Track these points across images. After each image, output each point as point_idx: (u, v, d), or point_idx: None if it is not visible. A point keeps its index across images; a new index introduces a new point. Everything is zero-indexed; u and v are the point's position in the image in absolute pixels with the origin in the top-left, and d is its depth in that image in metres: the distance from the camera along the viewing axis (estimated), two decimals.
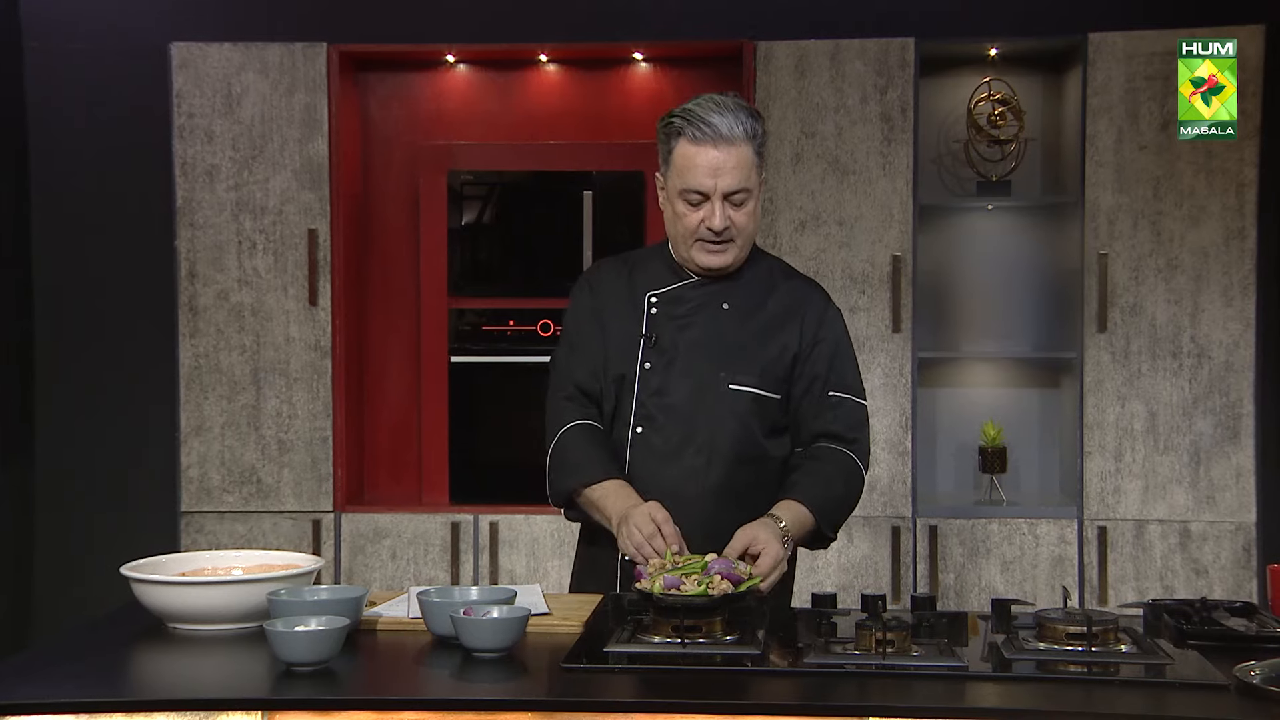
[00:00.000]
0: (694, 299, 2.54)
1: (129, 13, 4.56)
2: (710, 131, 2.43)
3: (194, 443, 4.30)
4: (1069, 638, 2.06)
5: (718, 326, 2.52)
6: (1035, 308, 4.51)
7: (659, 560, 2.28)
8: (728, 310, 2.53)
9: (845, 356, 2.57)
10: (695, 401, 2.49)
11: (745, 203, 2.47)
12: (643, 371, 2.52)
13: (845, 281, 4.21)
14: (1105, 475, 4.16)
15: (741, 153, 2.44)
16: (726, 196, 2.45)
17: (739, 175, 2.44)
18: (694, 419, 2.50)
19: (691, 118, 2.44)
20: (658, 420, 2.50)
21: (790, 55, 4.21)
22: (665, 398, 2.51)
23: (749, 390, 2.50)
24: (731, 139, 2.43)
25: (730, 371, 2.50)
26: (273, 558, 2.45)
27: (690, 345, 2.52)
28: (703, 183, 2.44)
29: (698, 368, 2.50)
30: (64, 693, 1.96)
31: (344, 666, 2.05)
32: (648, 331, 2.53)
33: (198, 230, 4.29)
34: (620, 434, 2.53)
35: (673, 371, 2.51)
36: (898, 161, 4.19)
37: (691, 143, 2.44)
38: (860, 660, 2.04)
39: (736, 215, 2.47)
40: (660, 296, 2.55)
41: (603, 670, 2.05)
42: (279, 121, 4.27)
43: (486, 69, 4.54)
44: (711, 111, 2.44)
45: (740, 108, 2.47)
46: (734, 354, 2.51)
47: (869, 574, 4.19)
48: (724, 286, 2.55)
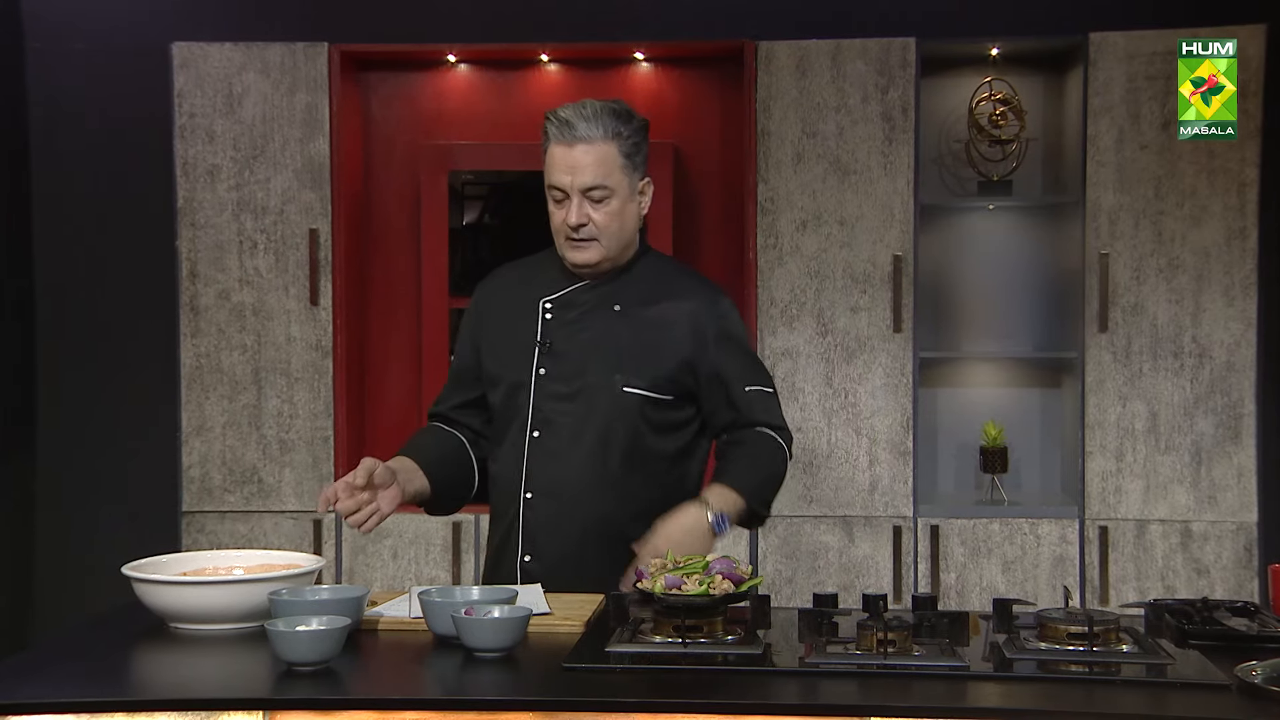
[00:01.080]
0: (585, 302, 2.62)
1: (130, 13, 4.56)
2: (569, 132, 2.53)
3: (195, 442, 4.30)
4: (1070, 637, 2.06)
5: (610, 329, 2.59)
6: (1036, 308, 4.51)
7: (659, 561, 2.29)
8: (619, 311, 2.61)
9: (746, 350, 2.66)
10: (589, 404, 2.56)
11: (606, 200, 2.55)
12: (538, 377, 2.60)
13: (846, 281, 4.21)
14: (1106, 475, 4.16)
15: (600, 151, 2.53)
16: (585, 193, 2.54)
17: (596, 172, 2.53)
18: (588, 421, 2.57)
19: (556, 120, 2.56)
20: (554, 423, 2.58)
21: (791, 55, 4.21)
22: (560, 402, 2.58)
23: (640, 393, 2.57)
24: (589, 138, 2.53)
25: (623, 374, 2.57)
26: (274, 557, 2.45)
27: (583, 349, 2.59)
28: (560, 179, 2.56)
29: (591, 371, 2.58)
30: (65, 692, 1.96)
31: (345, 666, 2.06)
32: (542, 338, 2.61)
33: (199, 230, 4.29)
34: (518, 438, 2.61)
35: (568, 376, 2.59)
36: (899, 161, 4.19)
37: (556, 143, 2.56)
38: (862, 660, 2.04)
39: (595, 213, 2.55)
40: (553, 302, 2.63)
41: (604, 670, 2.05)
42: (280, 121, 4.27)
43: (488, 69, 4.54)
44: (575, 114, 2.54)
45: (608, 111, 2.56)
46: (626, 356, 2.58)
47: (870, 574, 4.19)
48: (615, 288, 2.62)
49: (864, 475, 4.22)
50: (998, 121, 4.36)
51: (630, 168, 2.56)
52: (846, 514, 4.22)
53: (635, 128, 2.57)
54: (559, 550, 2.56)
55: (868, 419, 4.22)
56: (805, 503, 4.22)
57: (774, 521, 4.21)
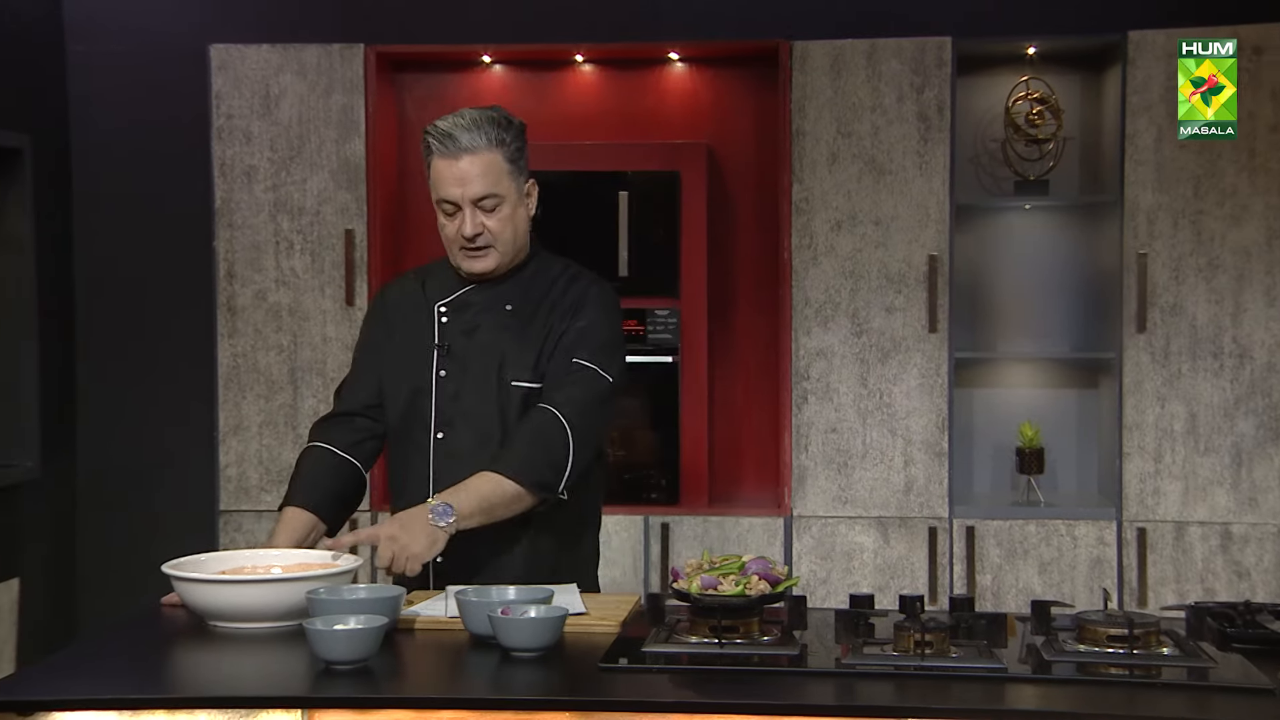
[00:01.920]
0: (478, 303, 2.66)
1: (169, 15, 4.60)
2: (453, 145, 2.55)
3: (232, 442, 4.33)
4: (1110, 640, 2.04)
5: (501, 328, 2.63)
6: (1073, 308, 4.48)
7: (695, 562, 2.29)
8: (510, 311, 2.65)
9: (600, 330, 2.63)
10: (486, 402, 2.58)
11: (498, 208, 2.58)
12: (439, 379, 2.63)
13: (881, 281, 4.19)
14: (1144, 476, 4.13)
15: (486, 160, 2.56)
16: (476, 203, 2.57)
17: (485, 182, 2.56)
18: (487, 419, 2.60)
19: (437, 134, 2.57)
20: (456, 425, 2.60)
21: (826, 55, 4.19)
22: (460, 402, 2.61)
23: (526, 385, 2.60)
24: (473, 149, 2.55)
25: (512, 369, 2.61)
26: (311, 556, 2.46)
27: (478, 349, 2.63)
28: (451, 192, 2.57)
29: (485, 370, 2.61)
30: (107, 689, 1.98)
31: (382, 665, 2.06)
32: (439, 341, 2.64)
33: (236, 231, 4.32)
34: (422, 440, 2.63)
35: (466, 376, 2.62)
36: (934, 161, 4.17)
37: (439, 157, 2.58)
38: (899, 661, 2.03)
39: (489, 221, 2.58)
40: (448, 305, 2.67)
41: (640, 670, 2.05)
42: (316, 122, 4.29)
43: (522, 69, 4.55)
44: (455, 126, 2.56)
45: (487, 119, 2.58)
46: (513, 352, 2.62)
47: (905, 575, 4.17)
48: (506, 289, 2.66)
49: (899, 476, 4.20)
50: (1034, 121, 4.34)
51: (516, 172, 2.60)
52: (881, 515, 4.20)
53: (515, 133, 2.60)
54: (471, 550, 2.54)
55: (903, 419, 4.20)
56: (840, 503, 4.21)
57: (808, 522, 4.20)
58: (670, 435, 4.34)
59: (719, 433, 4.51)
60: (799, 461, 4.22)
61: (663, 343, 4.31)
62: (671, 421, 4.34)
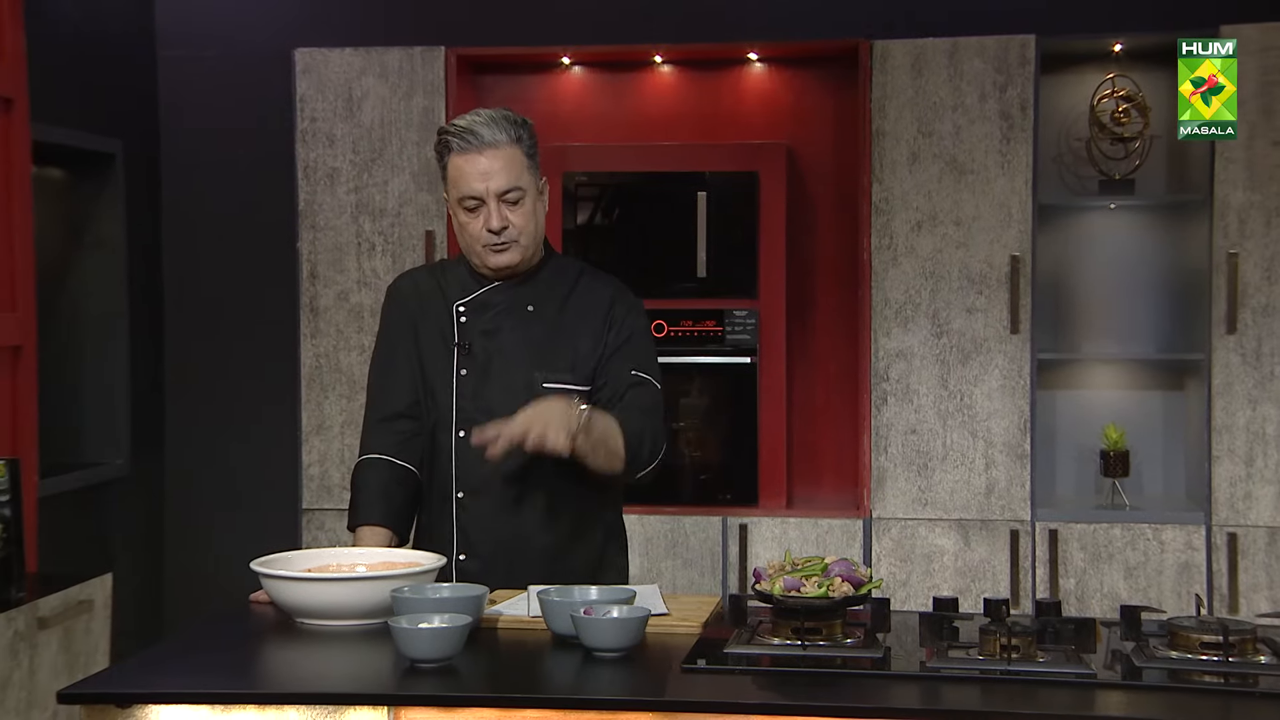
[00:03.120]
0: (499, 304, 2.65)
1: (256, 21, 4.67)
2: (475, 140, 2.56)
3: (315, 441, 4.39)
4: (1203, 647, 2.00)
5: (525, 328, 2.63)
6: (1159, 309, 4.41)
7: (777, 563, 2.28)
8: (532, 312, 2.64)
9: (645, 343, 2.68)
10: (512, 402, 2.55)
11: (520, 201, 2.58)
12: (459, 378, 2.63)
13: (963, 282, 4.15)
14: (1235, 481, 4.04)
15: (508, 154, 2.57)
16: (500, 197, 2.56)
17: (509, 175, 2.56)
18: None
19: (456, 131, 2.58)
20: (479, 422, 2.57)
21: (907, 54, 4.16)
22: (483, 401, 2.61)
23: (563, 386, 2.59)
24: (495, 143, 2.56)
25: (544, 370, 2.60)
26: (395, 555, 2.48)
27: (501, 349, 2.62)
28: (475, 187, 2.57)
29: (511, 370, 2.61)
30: (197, 685, 2.02)
31: (466, 664, 2.08)
32: (460, 340, 2.64)
33: (319, 232, 4.37)
34: (444, 439, 2.64)
35: (488, 376, 2.62)
36: (1017, 160, 4.12)
37: (460, 154, 2.58)
38: (985, 665, 2.01)
39: (513, 214, 2.58)
40: (467, 305, 2.66)
41: (722, 671, 2.05)
42: (398, 125, 4.33)
43: (601, 70, 4.56)
44: (474, 123, 2.57)
45: (503, 116, 2.59)
46: (544, 353, 2.61)
47: (986, 578, 4.13)
48: (526, 289, 2.65)
49: (980, 478, 4.15)
50: (1120, 119, 4.27)
51: (533, 168, 2.61)
52: (962, 517, 4.16)
53: (529, 130, 2.62)
54: (493, 548, 2.59)
55: (984, 421, 4.15)
56: (920, 505, 4.17)
57: (887, 524, 4.17)
58: (748, 436, 4.32)
59: (797, 434, 4.50)
60: (878, 463, 4.19)
61: (741, 344, 4.30)
62: (750, 422, 4.32)
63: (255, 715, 1.96)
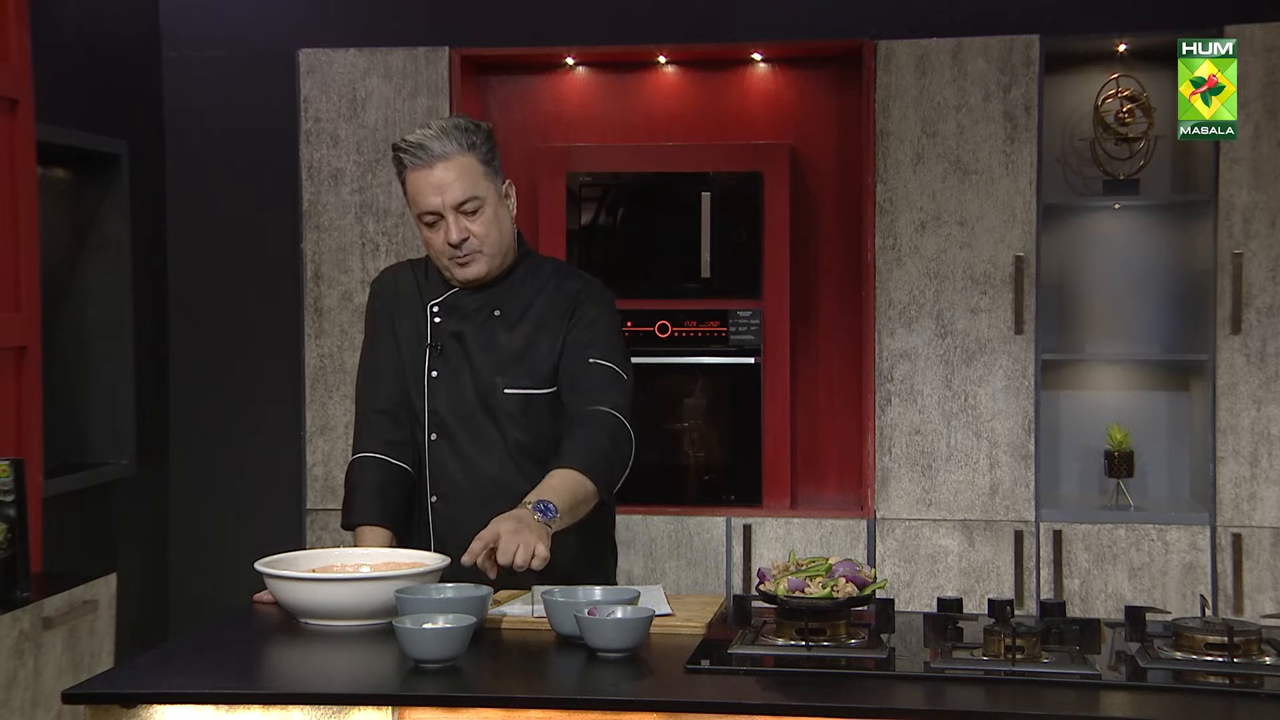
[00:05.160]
0: (468, 306, 2.64)
1: (260, 21, 4.67)
2: (425, 154, 2.53)
3: (318, 441, 4.39)
4: (1208, 648, 2.00)
5: (491, 333, 2.61)
6: (1164, 309, 4.40)
7: (782, 564, 2.28)
8: (499, 316, 2.62)
9: (606, 329, 2.64)
10: (478, 407, 2.57)
11: (480, 211, 2.55)
12: (430, 380, 2.62)
13: (966, 282, 4.15)
14: (1240, 481, 4.04)
15: (461, 164, 2.53)
16: (457, 209, 2.54)
17: (463, 186, 2.53)
18: (481, 424, 2.60)
19: (407, 147, 2.55)
20: (450, 426, 2.59)
21: (911, 54, 4.16)
22: (452, 403, 2.61)
23: (522, 393, 2.59)
24: (446, 155, 2.53)
25: (505, 377, 2.59)
26: (399, 555, 2.48)
27: (468, 353, 2.61)
28: (430, 202, 2.54)
29: (476, 375, 2.60)
30: (202, 685, 2.02)
31: (471, 664, 2.08)
32: (432, 340, 2.63)
33: (323, 233, 4.38)
34: (419, 437, 2.64)
35: (457, 379, 2.61)
36: (1021, 160, 4.12)
37: (414, 170, 2.55)
38: (989, 666, 2.01)
39: (473, 224, 2.56)
40: (440, 305, 2.65)
41: (726, 672, 2.05)
42: (402, 125, 4.33)
43: (605, 71, 4.57)
44: (424, 136, 2.54)
45: (454, 125, 2.56)
46: (506, 360, 2.60)
47: (990, 579, 4.13)
48: (496, 292, 2.63)
49: (984, 479, 4.15)
50: (1124, 119, 4.27)
51: (491, 174, 2.58)
52: (966, 518, 4.16)
53: (484, 135, 2.58)
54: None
55: (988, 421, 4.15)
56: (924, 506, 4.17)
57: (892, 524, 4.17)
58: (752, 437, 4.32)
59: (801, 434, 4.49)
60: (882, 464, 4.19)
61: (745, 344, 4.30)
62: (754, 423, 4.32)
63: (259, 715, 1.96)
